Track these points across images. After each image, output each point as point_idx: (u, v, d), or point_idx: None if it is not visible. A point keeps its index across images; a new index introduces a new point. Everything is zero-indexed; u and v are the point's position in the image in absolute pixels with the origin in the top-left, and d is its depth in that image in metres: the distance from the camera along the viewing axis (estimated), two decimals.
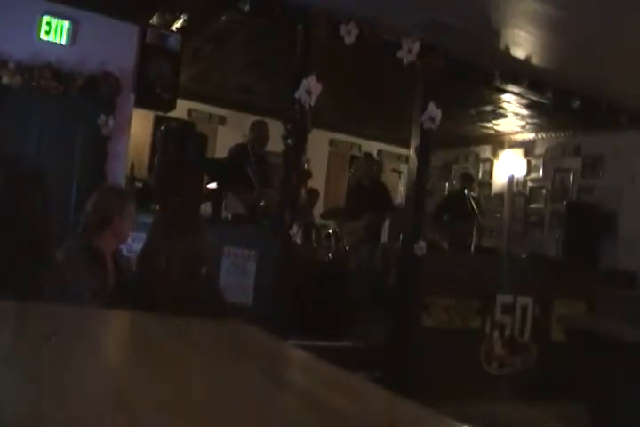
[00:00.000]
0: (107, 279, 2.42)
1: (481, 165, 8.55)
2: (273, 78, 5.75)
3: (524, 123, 7.16)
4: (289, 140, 4.17)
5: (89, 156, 4.18)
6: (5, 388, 0.81)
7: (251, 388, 0.99)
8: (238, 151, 5.23)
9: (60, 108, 4.08)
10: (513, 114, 6.73)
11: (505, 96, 5.89)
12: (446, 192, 8.28)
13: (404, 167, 6.82)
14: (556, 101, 5.52)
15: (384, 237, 5.97)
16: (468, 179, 7.07)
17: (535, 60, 4.93)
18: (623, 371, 2.88)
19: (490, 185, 8.34)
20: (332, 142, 8.82)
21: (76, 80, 4.08)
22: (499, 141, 8.12)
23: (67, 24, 4.11)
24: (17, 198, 1.81)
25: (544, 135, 7.56)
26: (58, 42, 4.10)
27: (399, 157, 8.85)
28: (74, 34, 4.14)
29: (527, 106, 6.23)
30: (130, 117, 4.43)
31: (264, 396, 0.95)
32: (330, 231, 6.17)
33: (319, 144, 7.82)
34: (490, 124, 7.39)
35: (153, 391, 0.88)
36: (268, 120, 5.29)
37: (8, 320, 1.25)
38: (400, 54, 4.50)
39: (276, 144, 4.56)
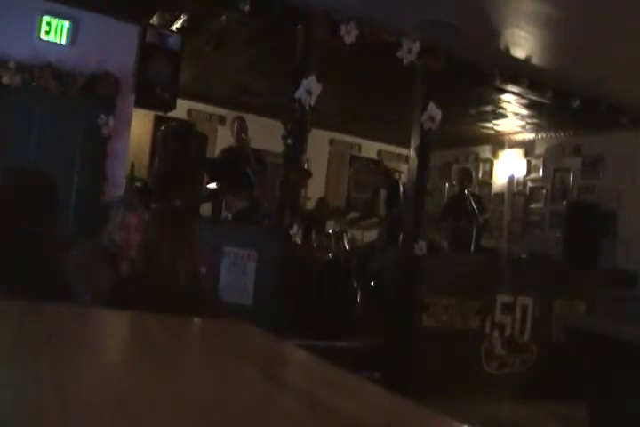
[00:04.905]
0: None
1: (481, 165, 8.55)
2: (273, 78, 5.74)
3: (523, 123, 7.15)
4: (289, 140, 4.16)
5: (89, 156, 4.18)
6: (5, 388, 0.81)
7: (251, 388, 0.99)
8: (226, 154, 5.25)
9: (60, 108, 4.08)
10: (513, 114, 6.73)
11: (505, 96, 5.89)
12: (446, 197, 8.22)
13: (404, 167, 6.81)
14: (555, 101, 5.52)
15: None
16: (466, 174, 6.90)
17: (535, 60, 4.93)
18: (623, 371, 2.88)
19: (490, 185, 8.33)
20: (332, 142, 8.81)
21: (76, 80, 4.08)
22: (499, 141, 8.11)
23: (67, 24, 4.11)
24: (20, 199, 1.81)
25: (544, 135, 7.56)
26: (58, 42, 4.10)
27: (399, 157, 8.85)
28: (74, 34, 4.14)
29: (527, 106, 6.23)
30: (130, 117, 4.43)
31: (264, 396, 0.95)
32: (330, 231, 6.16)
33: (319, 144, 7.81)
34: (490, 124, 7.39)
35: (153, 391, 0.88)
36: (267, 120, 5.28)
37: (8, 320, 1.25)
38: (400, 54, 4.50)
39: (276, 144, 4.56)
